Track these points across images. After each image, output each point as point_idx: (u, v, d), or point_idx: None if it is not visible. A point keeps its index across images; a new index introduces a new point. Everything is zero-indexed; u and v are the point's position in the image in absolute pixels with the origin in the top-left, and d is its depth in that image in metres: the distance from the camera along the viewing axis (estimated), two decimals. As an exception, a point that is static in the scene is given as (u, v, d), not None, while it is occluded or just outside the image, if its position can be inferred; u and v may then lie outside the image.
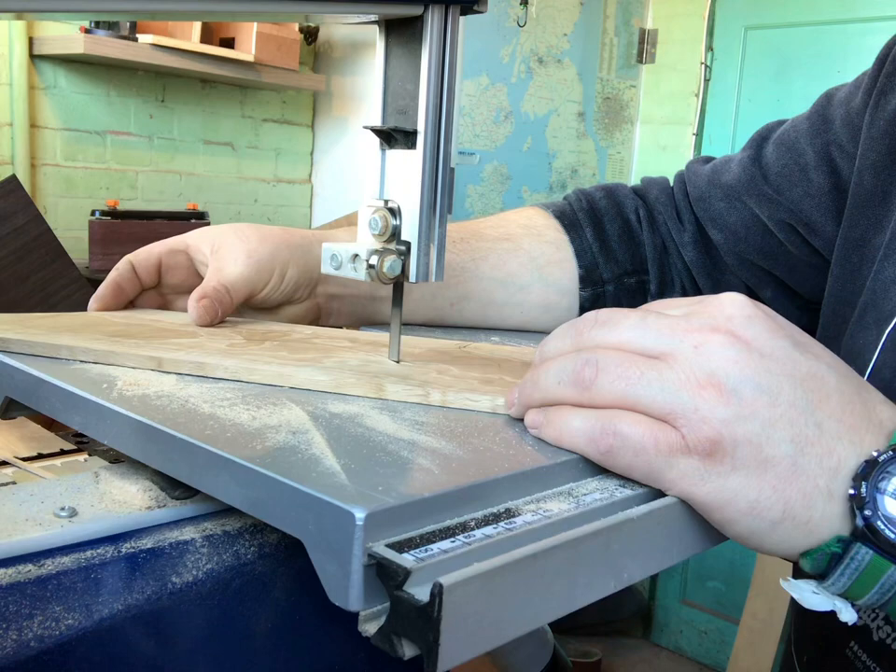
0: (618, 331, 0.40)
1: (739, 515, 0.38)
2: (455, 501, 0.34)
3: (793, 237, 0.73)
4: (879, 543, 0.36)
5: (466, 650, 0.29)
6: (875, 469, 0.37)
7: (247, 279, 0.64)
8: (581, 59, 2.94)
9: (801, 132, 0.74)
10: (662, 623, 3.09)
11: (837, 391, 0.39)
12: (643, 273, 0.78)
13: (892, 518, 0.36)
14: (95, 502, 0.40)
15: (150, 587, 0.37)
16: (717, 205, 0.76)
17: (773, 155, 0.75)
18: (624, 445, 0.38)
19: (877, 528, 0.36)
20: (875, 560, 0.36)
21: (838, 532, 0.37)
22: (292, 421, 0.41)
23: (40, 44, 1.98)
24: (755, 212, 0.74)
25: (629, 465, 0.38)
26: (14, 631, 0.33)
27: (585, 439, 0.39)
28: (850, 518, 0.37)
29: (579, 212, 0.79)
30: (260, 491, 0.35)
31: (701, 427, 0.37)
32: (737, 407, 0.37)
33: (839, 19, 2.70)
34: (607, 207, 0.79)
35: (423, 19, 0.49)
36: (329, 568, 0.31)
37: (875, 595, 0.37)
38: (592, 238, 0.77)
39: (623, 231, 0.78)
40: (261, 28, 2.15)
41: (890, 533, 0.36)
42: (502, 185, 2.76)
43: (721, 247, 0.76)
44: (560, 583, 0.33)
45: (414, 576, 0.28)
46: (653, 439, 0.38)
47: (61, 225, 2.00)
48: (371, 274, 0.50)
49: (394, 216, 0.51)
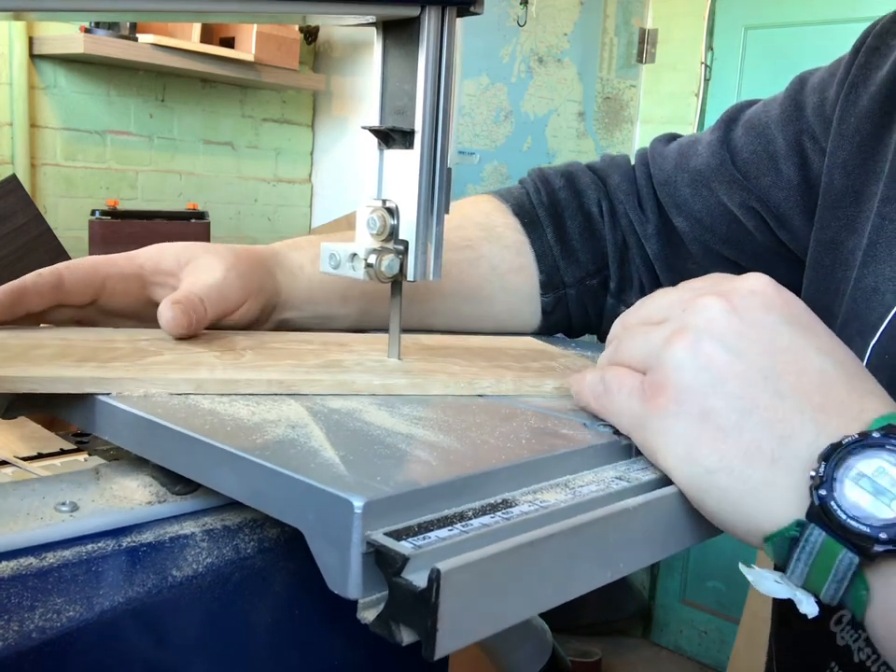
0: (641, 309, 0.46)
1: (677, 461, 0.39)
2: (453, 491, 0.34)
3: (760, 224, 0.71)
4: (831, 525, 0.35)
5: (463, 636, 0.29)
6: (837, 451, 0.36)
7: (222, 292, 0.57)
8: (581, 58, 2.94)
9: (772, 117, 0.71)
10: (662, 623, 3.09)
11: (817, 371, 0.39)
12: (605, 270, 0.76)
13: (848, 501, 0.35)
14: (96, 497, 0.41)
15: (151, 581, 0.37)
16: (683, 191, 0.73)
17: (742, 139, 0.72)
18: (607, 391, 0.43)
19: (830, 509, 0.35)
20: (826, 543, 0.35)
21: (797, 516, 0.36)
22: (291, 416, 0.42)
23: (40, 44, 1.98)
24: (722, 199, 0.72)
25: (604, 408, 0.43)
26: (16, 622, 0.34)
27: (588, 386, 0.45)
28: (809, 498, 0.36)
29: (539, 207, 0.75)
30: (260, 482, 0.35)
31: (656, 372, 0.40)
32: (694, 357, 0.39)
33: (839, 19, 2.70)
34: (567, 200, 0.76)
35: (420, 20, 0.49)
36: (329, 557, 0.32)
37: (832, 586, 0.36)
38: (553, 239, 0.74)
39: (585, 229, 0.75)
40: (261, 28, 2.15)
41: (842, 514, 0.35)
42: (502, 185, 2.76)
43: (685, 235, 0.73)
44: (556, 572, 0.33)
45: (412, 562, 0.29)
46: (618, 382, 0.42)
47: (61, 225, 2.00)
48: (369, 273, 0.50)
49: (392, 215, 0.51)
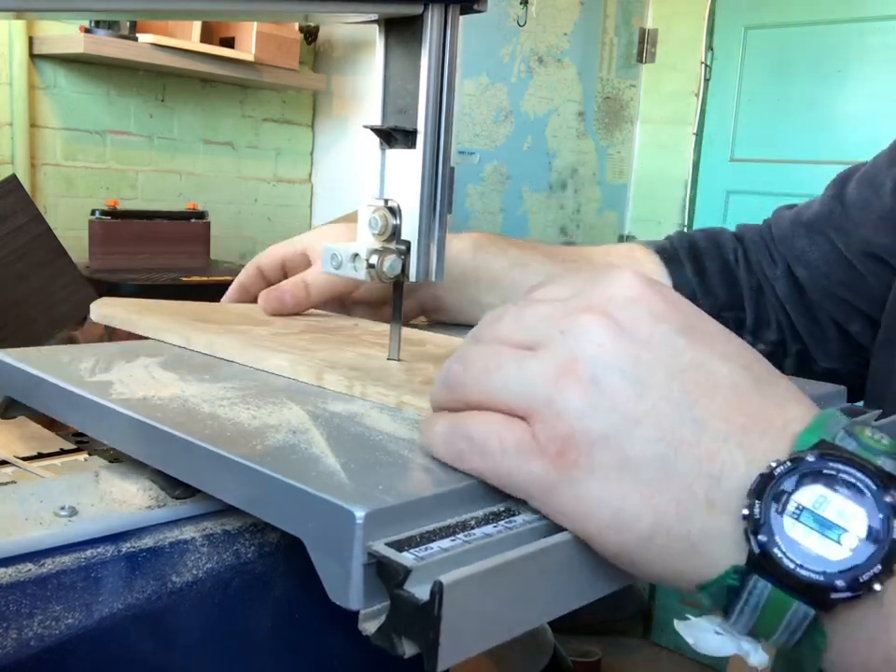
0: (500, 326, 0.37)
1: (604, 529, 0.32)
2: (456, 500, 0.34)
3: (874, 267, 0.72)
4: (778, 574, 0.30)
5: (466, 648, 0.29)
6: (770, 483, 0.31)
7: (328, 278, 0.66)
8: (581, 58, 2.94)
9: (880, 165, 0.74)
10: (662, 623, 3.08)
11: (728, 386, 0.34)
12: (740, 309, 0.78)
13: (794, 543, 0.30)
14: (95, 501, 0.40)
15: (150, 586, 0.37)
16: (799, 243, 0.77)
17: (854, 191, 0.75)
18: (471, 448, 0.34)
19: (774, 557, 0.30)
20: (774, 595, 0.30)
21: (735, 561, 0.31)
22: (292, 420, 0.42)
23: (40, 43, 1.98)
24: (836, 245, 0.74)
25: (479, 470, 0.35)
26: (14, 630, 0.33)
27: (443, 443, 0.36)
28: (746, 543, 0.31)
29: (679, 249, 0.80)
30: (260, 490, 0.35)
31: (553, 423, 0.33)
32: (596, 398, 0.32)
33: (839, 18, 2.70)
34: (707, 247, 0.80)
35: (422, 18, 0.49)
36: (330, 567, 0.31)
37: (783, 636, 0.31)
38: (691, 273, 0.78)
39: (722, 269, 0.79)
40: (261, 28, 2.15)
41: (789, 563, 0.30)
42: (502, 184, 2.76)
43: (806, 285, 0.76)
44: (561, 582, 0.33)
45: (414, 574, 0.28)
46: (498, 439, 0.34)
47: (61, 225, 2.00)
48: (370, 274, 0.50)
49: (394, 215, 0.51)
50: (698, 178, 3.06)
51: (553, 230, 2.97)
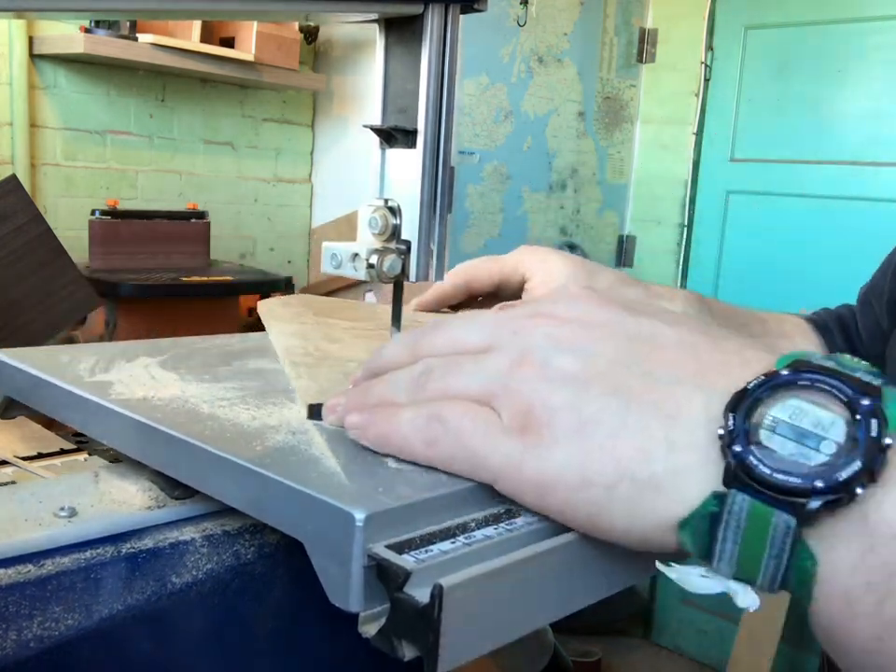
0: (448, 332, 0.39)
1: (573, 492, 0.33)
2: (455, 502, 0.34)
3: None
4: (756, 484, 0.29)
5: (466, 651, 0.29)
6: (743, 399, 0.31)
7: None
8: (581, 58, 2.94)
9: None
10: (662, 623, 3.08)
11: (676, 343, 0.35)
12: None
13: (770, 452, 0.29)
14: (95, 502, 0.40)
15: (150, 587, 0.37)
16: None
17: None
18: (447, 431, 0.35)
19: (751, 466, 0.29)
20: (754, 509, 0.29)
21: (712, 488, 0.31)
22: (292, 421, 0.41)
23: (40, 43, 1.98)
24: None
25: (453, 454, 0.35)
26: (14, 631, 0.33)
27: (412, 429, 0.36)
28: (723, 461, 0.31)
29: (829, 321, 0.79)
30: (260, 492, 0.35)
31: (512, 402, 0.35)
32: (549, 374, 0.34)
33: (839, 18, 2.69)
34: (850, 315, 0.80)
35: (423, 17, 0.49)
36: (330, 570, 0.31)
37: (770, 564, 0.30)
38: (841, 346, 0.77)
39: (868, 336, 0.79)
40: (261, 27, 2.15)
41: (765, 469, 0.29)
42: (502, 184, 2.76)
43: None
44: (560, 585, 0.32)
45: (415, 577, 0.28)
46: (472, 420, 0.35)
47: (61, 225, 1.99)
48: (370, 274, 0.50)
49: (394, 214, 0.51)
50: (698, 178, 3.06)
51: (552, 230, 2.97)
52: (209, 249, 2.12)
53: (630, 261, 3.19)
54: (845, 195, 2.68)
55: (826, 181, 2.73)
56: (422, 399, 0.37)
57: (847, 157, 2.68)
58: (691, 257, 3.10)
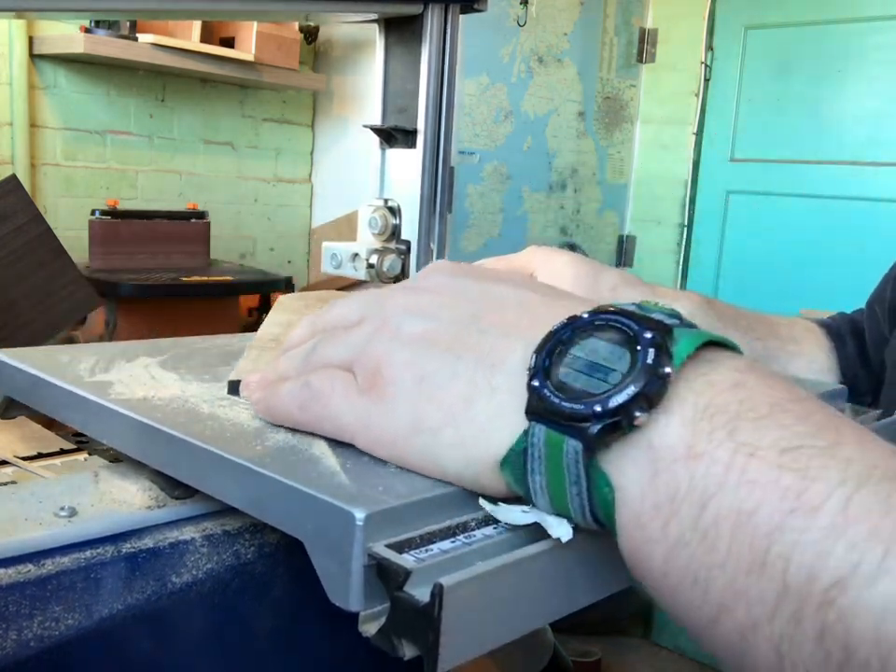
0: (334, 309, 0.43)
1: (406, 440, 0.35)
2: (456, 501, 0.34)
3: None
4: (548, 414, 0.31)
5: (466, 650, 0.29)
6: (549, 340, 0.33)
7: None
8: (581, 58, 2.94)
9: None
10: (662, 623, 3.08)
11: (516, 302, 0.38)
12: None
13: (564, 385, 0.32)
14: (95, 502, 0.40)
15: (150, 587, 0.37)
16: None
17: None
18: (312, 395, 0.39)
19: (544, 397, 0.32)
20: (548, 437, 0.31)
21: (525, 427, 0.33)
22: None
23: (40, 43, 1.98)
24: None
25: (319, 416, 0.39)
26: (14, 631, 0.33)
27: (290, 398, 0.40)
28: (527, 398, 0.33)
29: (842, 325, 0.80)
30: (260, 491, 0.35)
31: (365, 362, 0.38)
32: (400, 337, 0.37)
33: (839, 18, 2.70)
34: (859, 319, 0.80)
35: (423, 17, 0.49)
36: (329, 569, 0.31)
37: (573, 491, 0.31)
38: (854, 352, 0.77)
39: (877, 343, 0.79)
40: (261, 27, 2.15)
41: (555, 399, 0.31)
42: (502, 184, 2.76)
43: None
44: (561, 584, 0.32)
45: (415, 576, 0.28)
46: (331, 383, 0.38)
47: (61, 225, 1.99)
48: (370, 274, 0.50)
49: (394, 214, 0.51)
50: (698, 178, 3.06)
51: (553, 230, 2.97)
52: (209, 249, 2.12)
53: (630, 261, 3.19)
54: (845, 195, 2.69)
55: (826, 181, 2.73)
56: (304, 371, 0.41)
57: (847, 157, 2.68)
58: (691, 257, 3.10)
